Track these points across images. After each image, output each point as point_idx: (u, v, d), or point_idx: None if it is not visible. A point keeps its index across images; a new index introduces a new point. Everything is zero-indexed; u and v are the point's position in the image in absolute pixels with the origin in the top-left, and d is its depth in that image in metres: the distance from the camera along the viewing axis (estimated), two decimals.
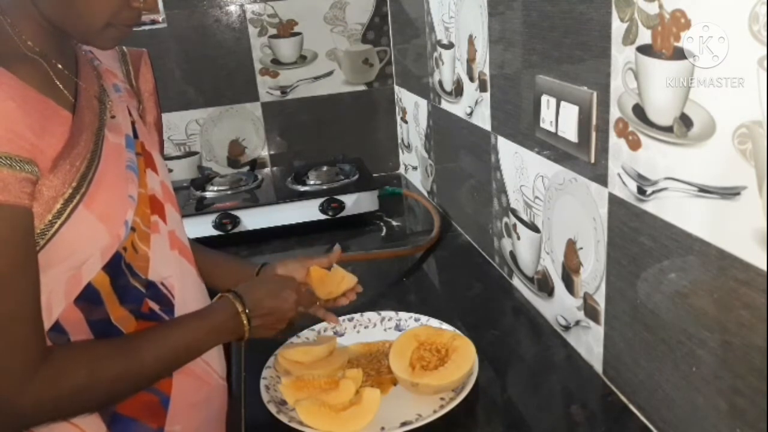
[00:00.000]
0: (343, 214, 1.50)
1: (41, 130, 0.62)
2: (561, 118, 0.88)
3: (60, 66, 0.70)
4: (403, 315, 1.03)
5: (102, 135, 0.71)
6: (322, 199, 1.49)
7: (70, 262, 0.67)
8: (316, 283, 0.95)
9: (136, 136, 0.79)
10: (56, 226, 0.64)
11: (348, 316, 1.04)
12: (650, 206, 0.71)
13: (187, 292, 0.81)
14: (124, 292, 0.73)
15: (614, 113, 0.75)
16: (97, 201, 0.67)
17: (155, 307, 0.76)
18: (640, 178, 0.72)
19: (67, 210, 0.65)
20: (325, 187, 1.56)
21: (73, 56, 0.75)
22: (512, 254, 1.15)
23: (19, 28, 0.66)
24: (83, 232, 0.67)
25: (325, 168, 1.66)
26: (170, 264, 0.79)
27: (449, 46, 1.32)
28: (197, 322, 0.77)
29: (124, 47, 0.87)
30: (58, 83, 0.69)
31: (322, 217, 1.49)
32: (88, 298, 0.69)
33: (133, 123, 0.80)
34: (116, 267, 0.71)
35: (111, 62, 0.84)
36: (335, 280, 0.96)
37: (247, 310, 0.79)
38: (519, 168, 1.06)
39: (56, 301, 0.67)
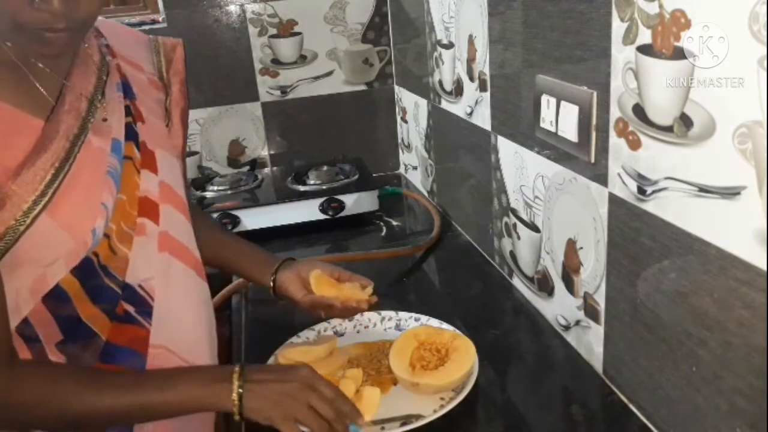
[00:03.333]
0: (343, 214, 1.50)
1: (2, 144, 0.62)
2: (561, 118, 0.88)
3: (42, 65, 0.67)
4: (403, 315, 1.03)
5: (82, 140, 0.68)
6: (322, 199, 1.49)
7: (35, 264, 0.66)
8: (317, 286, 0.93)
9: (132, 137, 0.76)
10: (18, 232, 0.63)
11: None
12: (650, 206, 0.71)
13: (173, 295, 0.77)
14: (97, 292, 0.71)
15: (614, 113, 0.75)
16: (62, 209, 0.65)
17: (130, 309, 0.73)
18: (640, 178, 0.72)
19: (29, 218, 0.63)
20: (325, 187, 1.56)
21: (68, 53, 0.71)
22: (512, 254, 1.15)
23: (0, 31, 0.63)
24: (45, 240, 0.65)
25: (325, 168, 1.66)
26: (154, 266, 0.75)
27: (449, 45, 1.32)
28: (183, 378, 0.70)
29: (159, 37, 0.86)
30: (38, 86, 0.67)
31: (322, 217, 1.49)
32: (55, 296, 0.68)
33: (132, 123, 0.77)
34: (88, 269, 0.70)
35: (139, 52, 0.82)
36: (342, 290, 0.93)
37: (241, 386, 0.69)
38: (519, 168, 1.06)
39: (23, 300, 0.67)
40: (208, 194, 1.59)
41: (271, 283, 0.95)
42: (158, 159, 0.78)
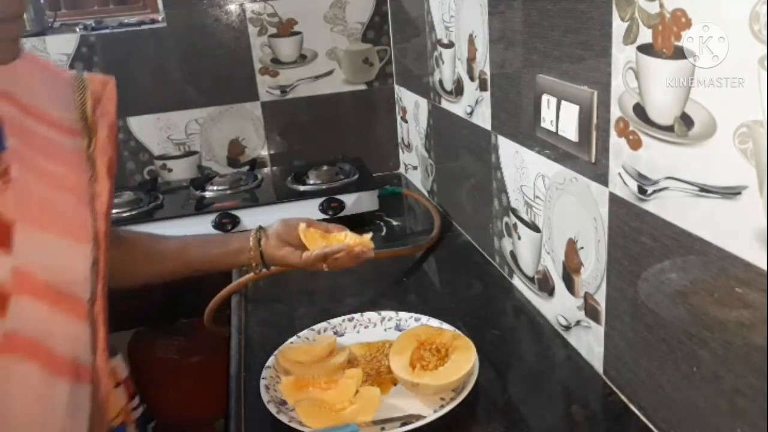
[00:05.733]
0: (343, 213, 1.50)
1: None
2: (561, 118, 0.88)
3: None
4: (403, 315, 1.03)
5: None
6: (322, 199, 1.49)
7: None
8: (311, 242, 0.94)
9: None
10: None
11: (348, 316, 1.04)
12: (651, 206, 0.71)
13: (13, 408, 0.61)
14: None
15: (615, 112, 0.75)
16: None
17: None
18: (641, 178, 0.72)
19: None
20: (324, 186, 1.56)
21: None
22: (513, 254, 1.15)
23: None
24: None
25: (325, 167, 1.66)
26: None
27: (449, 45, 1.32)
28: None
29: (85, 73, 0.74)
30: None
31: (322, 216, 1.49)
32: None
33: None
34: None
35: (51, 93, 0.69)
36: (339, 238, 0.95)
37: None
38: (519, 167, 1.06)
39: None
40: (208, 194, 1.59)
41: (260, 256, 0.94)
42: (16, 236, 0.60)
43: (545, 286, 1.02)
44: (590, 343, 0.90)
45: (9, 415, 0.61)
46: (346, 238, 0.95)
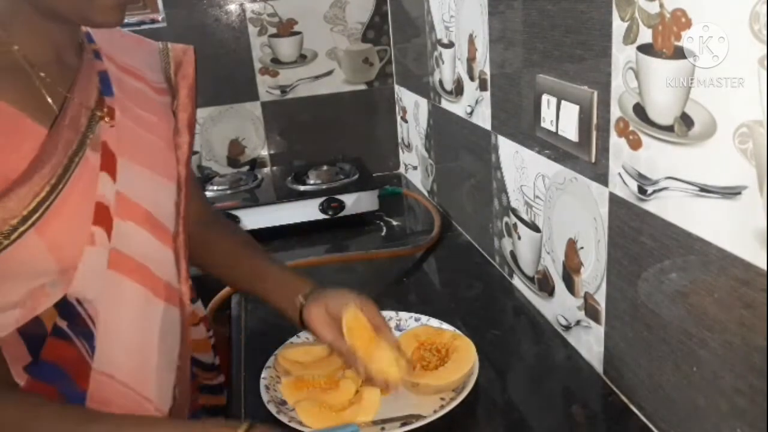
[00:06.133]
0: (343, 213, 1.50)
1: (2, 146, 0.60)
2: (561, 118, 0.88)
3: (44, 75, 0.66)
4: (403, 315, 1.03)
5: (81, 155, 0.66)
6: (322, 199, 1.49)
7: (17, 280, 0.63)
8: (350, 332, 0.81)
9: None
10: (1, 246, 0.60)
11: None
12: (651, 206, 0.71)
13: (120, 319, 0.70)
14: None
15: (615, 112, 0.75)
16: (52, 228, 0.62)
17: (63, 324, 0.67)
18: (641, 178, 0.72)
19: (16, 233, 0.60)
20: (324, 186, 1.56)
21: (73, 65, 0.70)
22: (513, 254, 1.15)
23: (10, 33, 0.63)
24: (28, 259, 0.62)
25: (325, 167, 1.66)
26: (99, 284, 0.68)
27: (449, 45, 1.32)
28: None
29: (168, 43, 0.85)
30: (44, 93, 0.65)
31: (322, 216, 1.49)
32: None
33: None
34: None
35: (141, 57, 0.80)
36: (381, 356, 0.80)
37: None
38: (519, 167, 1.06)
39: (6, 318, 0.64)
40: (208, 194, 1.59)
41: (298, 315, 0.85)
42: (119, 166, 0.71)
43: (545, 286, 1.02)
44: (590, 343, 0.90)
45: (117, 327, 0.70)
46: (379, 359, 0.79)
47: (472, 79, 1.22)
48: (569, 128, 0.86)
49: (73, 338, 0.68)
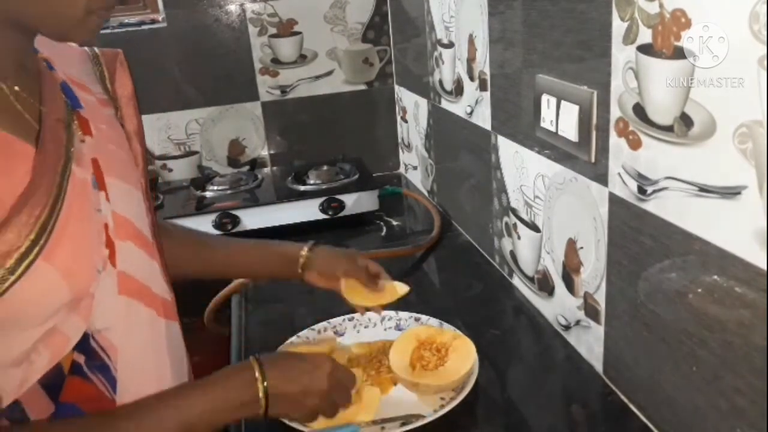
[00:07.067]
0: (343, 213, 1.50)
1: (3, 170, 0.55)
2: (561, 118, 0.88)
3: (18, 89, 0.60)
4: (403, 315, 1.03)
5: (68, 171, 0.61)
6: (322, 199, 1.49)
7: (31, 319, 0.58)
8: (351, 294, 0.93)
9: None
10: (8, 282, 0.54)
11: (348, 316, 1.04)
12: (651, 206, 0.71)
13: (135, 346, 0.68)
14: None
15: (615, 113, 0.75)
16: (59, 252, 0.58)
17: (80, 359, 0.63)
18: (641, 178, 0.72)
19: (22, 266, 0.54)
20: (325, 186, 1.56)
21: (35, 74, 0.65)
22: (512, 254, 1.15)
23: None
24: (40, 289, 0.57)
25: (325, 167, 1.66)
26: (113, 312, 0.65)
27: (449, 45, 1.32)
28: (198, 394, 0.65)
29: (95, 48, 0.77)
30: (20, 109, 0.60)
31: (322, 216, 1.49)
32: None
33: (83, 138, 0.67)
34: None
35: (79, 67, 0.74)
36: (383, 294, 0.95)
37: (265, 383, 0.66)
38: (519, 167, 1.06)
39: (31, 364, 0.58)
40: (208, 194, 1.59)
41: (300, 270, 0.94)
42: (108, 185, 0.67)
43: (545, 285, 1.02)
44: (590, 343, 0.90)
45: (133, 354, 0.67)
46: (382, 298, 0.95)
47: (472, 79, 1.22)
48: (569, 128, 0.86)
49: (90, 375, 0.64)
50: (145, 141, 0.79)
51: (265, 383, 0.66)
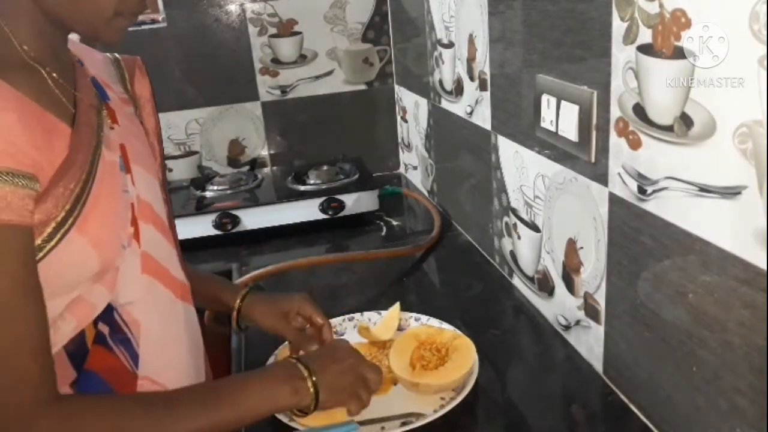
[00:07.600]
0: (343, 213, 1.50)
1: (42, 145, 0.59)
2: (561, 118, 0.88)
3: (56, 75, 0.66)
4: (403, 315, 1.03)
5: (99, 152, 0.67)
6: (322, 199, 1.49)
7: (60, 288, 0.63)
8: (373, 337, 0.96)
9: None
10: (44, 251, 0.59)
11: (348, 316, 1.04)
12: (651, 206, 0.71)
13: (156, 323, 0.73)
14: None
15: (615, 112, 0.75)
16: (90, 224, 0.63)
17: (104, 329, 0.68)
18: (641, 178, 0.72)
19: (58, 234, 0.60)
20: (325, 186, 1.56)
21: (70, 65, 0.71)
22: (512, 254, 1.15)
23: (17, 32, 0.63)
24: (73, 258, 0.62)
25: (325, 167, 1.66)
26: (137, 288, 0.70)
27: (449, 45, 1.32)
28: (253, 385, 0.70)
29: (116, 54, 0.84)
30: (58, 93, 0.66)
31: (322, 216, 1.49)
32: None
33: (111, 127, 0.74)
34: None
35: (104, 69, 0.80)
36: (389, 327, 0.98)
37: (314, 378, 0.73)
38: (519, 167, 1.06)
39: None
40: (208, 194, 1.59)
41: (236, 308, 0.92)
42: (133, 171, 0.73)
43: (545, 285, 1.02)
44: (590, 343, 0.90)
45: (155, 331, 0.72)
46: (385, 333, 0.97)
47: (472, 79, 1.22)
48: (569, 128, 0.86)
49: (113, 347, 0.69)
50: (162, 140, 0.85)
51: (314, 378, 0.73)
